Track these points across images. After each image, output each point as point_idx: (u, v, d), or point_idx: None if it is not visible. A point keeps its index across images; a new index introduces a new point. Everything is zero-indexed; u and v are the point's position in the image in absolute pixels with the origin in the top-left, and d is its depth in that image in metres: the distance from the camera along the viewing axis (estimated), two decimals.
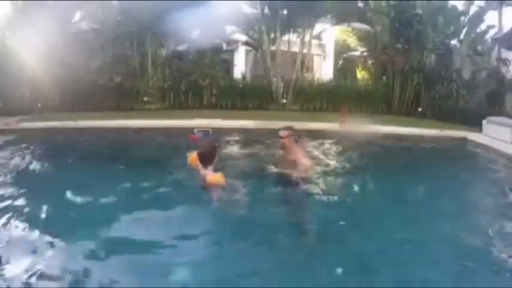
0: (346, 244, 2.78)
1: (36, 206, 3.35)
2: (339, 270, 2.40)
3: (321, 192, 3.90)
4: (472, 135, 6.85)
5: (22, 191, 3.73)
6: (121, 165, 4.78)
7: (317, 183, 4.16)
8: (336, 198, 3.89)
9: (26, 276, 2.26)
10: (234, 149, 6.01)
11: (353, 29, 13.15)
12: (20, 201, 3.42)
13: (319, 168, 4.63)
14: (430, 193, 4.10)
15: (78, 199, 3.56)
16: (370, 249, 2.69)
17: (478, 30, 10.61)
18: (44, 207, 3.32)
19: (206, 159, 3.38)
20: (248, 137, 6.53)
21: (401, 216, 3.39)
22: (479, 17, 10.36)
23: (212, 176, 3.39)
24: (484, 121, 7.14)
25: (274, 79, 10.69)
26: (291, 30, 11.42)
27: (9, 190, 3.72)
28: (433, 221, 3.33)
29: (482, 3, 10.52)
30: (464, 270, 2.48)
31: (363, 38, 12.76)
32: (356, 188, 4.25)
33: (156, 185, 3.95)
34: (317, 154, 5.74)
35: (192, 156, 3.50)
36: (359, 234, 2.95)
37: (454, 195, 4.10)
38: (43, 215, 3.15)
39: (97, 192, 3.73)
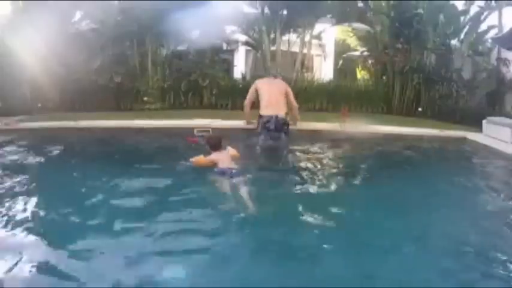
0: (345, 245, 2.77)
1: (35, 205, 3.35)
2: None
3: (320, 192, 3.91)
4: (472, 135, 6.84)
5: (22, 190, 3.73)
6: (121, 165, 4.78)
7: (316, 182, 4.18)
8: (334, 198, 3.89)
9: (22, 275, 2.26)
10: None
11: (353, 29, 13.14)
12: (20, 201, 3.42)
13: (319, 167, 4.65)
14: (429, 193, 4.10)
15: (78, 199, 3.57)
16: (370, 250, 2.69)
17: (479, 30, 10.61)
18: (44, 207, 3.32)
19: (215, 145, 4.36)
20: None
21: (400, 216, 3.39)
22: (479, 17, 10.36)
23: (229, 152, 4.39)
24: (484, 121, 7.13)
25: None
26: (291, 30, 11.41)
27: (9, 190, 3.72)
28: (433, 221, 3.33)
29: (482, 3, 10.52)
30: (464, 270, 2.48)
31: (363, 38, 12.74)
32: (355, 188, 4.26)
33: (157, 184, 3.96)
34: (317, 154, 5.75)
35: (198, 159, 4.27)
36: (358, 235, 2.95)
37: (454, 195, 4.10)
38: (43, 215, 3.15)
39: (97, 191, 3.74)
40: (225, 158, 4.28)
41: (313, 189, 4.09)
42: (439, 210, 3.61)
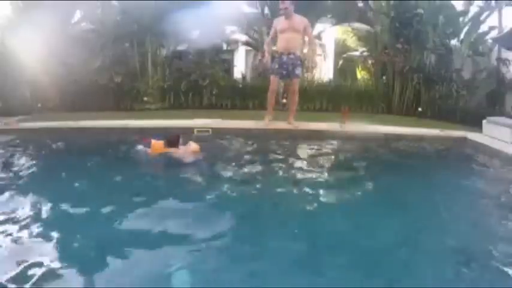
0: (345, 247, 2.77)
1: (34, 205, 3.35)
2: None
3: (317, 191, 3.91)
4: (472, 135, 6.84)
5: (21, 190, 3.73)
6: (121, 165, 4.79)
7: (314, 181, 4.18)
8: (334, 198, 3.89)
9: (22, 275, 2.26)
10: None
11: (353, 29, 13.12)
12: (19, 201, 3.42)
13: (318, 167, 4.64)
14: (429, 193, 4.11)
15: (78, 199, 3.57)
16: (369, 251, 2.69)
17: (479, 30, 10.60)
18: (43, 207, 3.32)
19: (172, 142, 4.61)
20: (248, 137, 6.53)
21: (400, 215, 3.39)
22: (479, 17, 10.36)
23: (190, 146, 4.70)
24: (484, 121, 7.13)
25: None
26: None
27: (8, 190, 3.72)
28: (433, 220, 3.34)
29: (482, 4, 10.51)
30: (464, 271, 2.48)
31: (363, 38, 12.72)
32: (354, 187, 4.26)
33: (157, 183, 3.97)
34: (316, 153, 5.75)
35: (156, 144, 4.61)
36: (358, 234, 2.95)
37: (454, 195, 4.10)
38: (41, 215, 3.15)
39: (97, 191, 3.74)
40: (183, 151, 4.63)
41: (310, 187, 4.08)
42: (439, 209, 3.62)
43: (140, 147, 4.84)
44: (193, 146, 4.80)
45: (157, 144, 4.63)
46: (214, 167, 4.75)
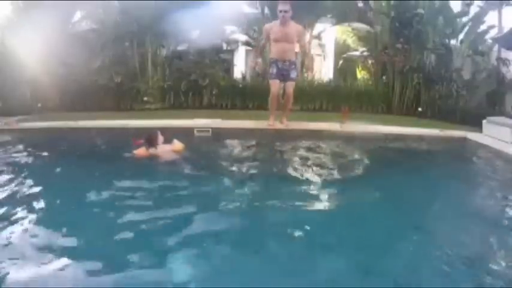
0: (344, 248, 2.76)
1: (34, 205, 3.35)
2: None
3: (319, 193, 3.91)
4: (472, 135, 6.84)
5: (20, 190, 3.72)
6: (120, 165, 4.78)
7: (312, 181, 4.18)
8: (334, 198, 3.89)
9: (21, 276, 2.26)
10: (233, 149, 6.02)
11: (353, 29, 13.14)
12: (18, 201, 3.41)
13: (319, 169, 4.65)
14: (429, 193, 4.10)
15: (77, 199, 3.56)
16: (369, 253, 2.68)
17: (479, 30, 10.61)
18: (42, 207, 3.32)
19: (150, 140, 4.64)
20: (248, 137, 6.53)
21: (400, 215, 3.39)
22: (479, 17, 10.36)
23: (173, 145, 4.73)
24: (484, 121, 7.13)
25: None
26: None
27: (8, 190, 3.72)
28: (432, 220, 3.33)
29: (482, 3, 10.52)
30: (462, 273, 2.48)
31: (363, 38, 12.74)
32: (354, 187, 4.26)
33: (156, 183, 3.97)
34: (315, 153, 5.75)
35: (139, 150, 4.68)
36: (357, 234, 2.95)
37: (454, 195, 4.10)
38: (40, 215, 3.15)
39: (96, 191, 3.73)
40: (165, 150, 4.66)
41: (308, 187, 4.08)
42: (438, 209, 3.62)
43: (128, 154, 4.82)
44: (176, 144, 4.76)
45: (140, 151, 4.70)
46: (197, 167, 4.57)
